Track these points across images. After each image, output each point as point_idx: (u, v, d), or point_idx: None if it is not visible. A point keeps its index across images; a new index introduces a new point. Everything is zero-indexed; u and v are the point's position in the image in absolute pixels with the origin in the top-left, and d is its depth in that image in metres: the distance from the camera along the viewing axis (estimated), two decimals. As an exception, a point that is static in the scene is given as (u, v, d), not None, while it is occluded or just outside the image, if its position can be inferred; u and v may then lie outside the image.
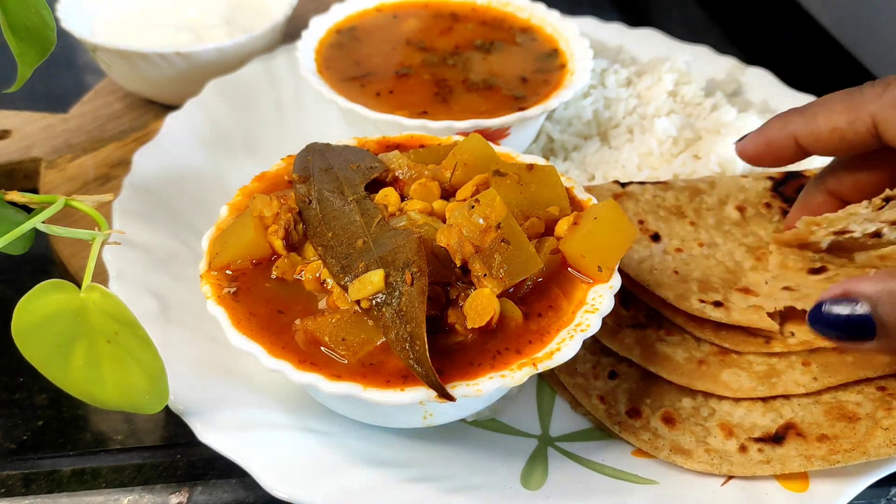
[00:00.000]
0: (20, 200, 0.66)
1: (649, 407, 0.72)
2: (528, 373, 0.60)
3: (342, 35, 1.08)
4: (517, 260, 0.63)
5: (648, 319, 0.78)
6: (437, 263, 0.63)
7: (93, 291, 0.60)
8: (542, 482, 0.68)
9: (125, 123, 1.12)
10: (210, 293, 0.65)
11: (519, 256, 0.63)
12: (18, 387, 0.79)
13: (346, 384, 0.60)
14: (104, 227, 0.65)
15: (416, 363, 0.58)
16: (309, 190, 0.71)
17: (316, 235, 0.67)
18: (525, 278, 0.64)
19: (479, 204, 0.64)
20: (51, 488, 0.70)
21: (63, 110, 1.12)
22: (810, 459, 0.65)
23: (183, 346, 0.73)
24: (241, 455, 0.64)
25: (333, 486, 0.64)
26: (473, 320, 0.62)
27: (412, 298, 0.59)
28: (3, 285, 0.91)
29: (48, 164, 1.01)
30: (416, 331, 0.58)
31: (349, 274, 0.63)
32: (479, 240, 0.63)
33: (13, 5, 0.66)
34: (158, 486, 0.70)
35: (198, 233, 0.73)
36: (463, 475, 0.67)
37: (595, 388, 0.74)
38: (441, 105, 0.95)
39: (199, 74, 1.07)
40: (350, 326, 0.62)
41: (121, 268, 0.79)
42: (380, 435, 0.69)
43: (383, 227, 0.66)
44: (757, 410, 0.70)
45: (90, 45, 1.08)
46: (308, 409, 0.70)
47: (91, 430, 0.75)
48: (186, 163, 0.95)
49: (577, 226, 0.67)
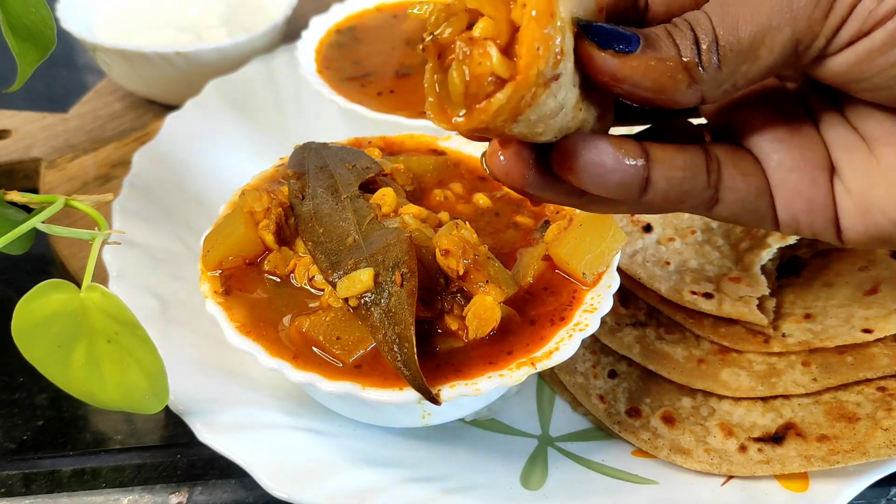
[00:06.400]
0: (20, 200, 0.66)
1: (649, 406, 0.72)
2: (527, 372, 0.60)
3: (342, 35, 1.08)
4: (506, 274, 0.65)
5: (648, 318, 0.78)
6: (423, 270, 0.63)
7: (93, 291, 0.60)
8: (542, 482, 0.68)
9: (125, 123, 1.12)
10: (209, 292, 0.65)
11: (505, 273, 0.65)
12: (18, 387, 0.79)
13: (345, 383, 0.60)
14: (104, 227, 0.65)
15: (404, 365, 0.58)
16: (303, 186, 0.71)
17: (307, 231, 0.67)
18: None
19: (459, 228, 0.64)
20: (51, 488, 0.70)
21: (63, 110, 1.12)
22: (810, 460, 0.65)
23: (183, 346, 0.73)
24: (241, 455, 0.64)
25: (333, 486, 0.64)
26: (476, 330, 0.62)
27: (401, 300, 0.59)
28: (3, 285, 0.91)
29: (48, 164, 1.01)
30: (405, 332, 0.58)
31: (338, 271, 0.63)
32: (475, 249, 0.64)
33: (13, 5, 0.66)
34: (158, 486, 0.70)
35: (198, 233, 0.73)
36: (462, 475, 0.67)
37: (595, 388, 0.74)
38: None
39: (199, 74, 1.07)
40: (344, 325, 0.62)
41: (121, 268, 0.79)
42: (379, 435, 0.70)
43: (374, 226, 0.66)
44: (757, 410, 0.70)
45: (90, 45, 1.08)
46: (308, 409, 0.70)
47: (91, 430, 0.75)
48: (186, 163, 0.95)
49: (565, 232, 0.67)
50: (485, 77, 0.44)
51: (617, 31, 0.47)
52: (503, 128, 0.46)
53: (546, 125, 0.47)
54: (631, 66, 0.47)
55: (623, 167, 0.49)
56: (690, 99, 0.49)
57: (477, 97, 0.45)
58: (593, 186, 0.50)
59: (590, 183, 0.49)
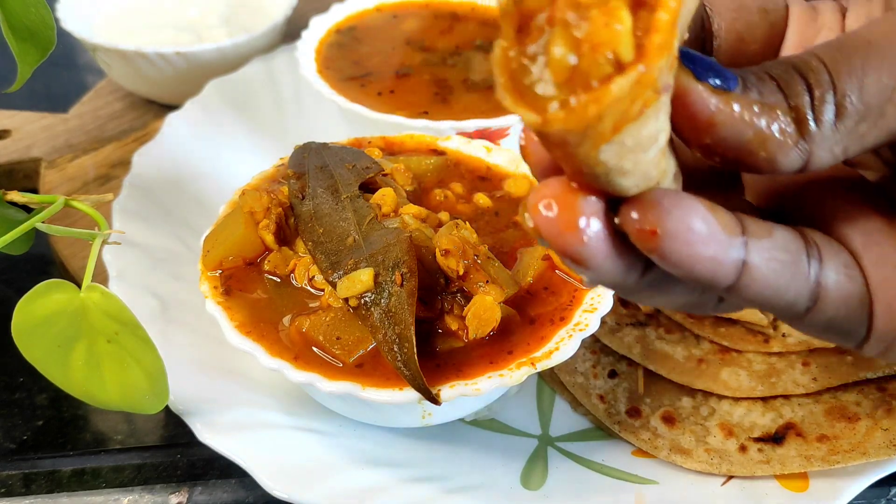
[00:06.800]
0: (20, 200, 0.66)
1: (649, 406, 0.72)
2: (527, 372, 0.60)
3: (342, 35, 1.08)
4: (506, 274, 0.65)
5: (648, 318, 0.78)
6: (423, 270, 0.63)
7: (93, 291, 0.60)
8: (542, 482, 0.68)
9: (125, 123, 1.12)
10: (209, 292, 0.65)
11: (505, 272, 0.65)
12: (18, 387, 0.79)
13: (345, 383, 0.60)
14: (104, 227, 0.65)
15: (404, 365, 0.58)
16: (303, 186, 0.71)
17: (307, 231, 0.67)
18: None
19: (458, 228, 0.64)
20: (51, 488, 0.70)
21: (63, 110, 1.12)
22: (810, 460, 0.65)
23: (183, 346, 0.73)
24: (241, 455, 0.64)
25: (333, 486, 0.64)
26: (476, 330, 0.62)
27: (401, 300, 0.59)
28: (3, 285, 0.91)
29: (48, 164, 1.01)
30: (405, 332, 0.58)
31: (338, 271, 0.63)
32: (475, 249, 0.64)
33: (13, 5, 0.66)
34: (158, 486, 0.70)
35: (198, 233, 0.73)
36: (462, 475, 0.67)
37: (595, 388, 0.74)
38: (441, 105, 0.95)
39: (199, 74, 1.07)
40: (345, 325, 0.62)
41: (121, 268, 0.79)
42: (379, 435, 0.70)
43: (374, 226, 0.66)
44: (757, 410, 0.70)
45: (90, 45, 1.08)
46: (308, 409, 0.70)
47: (91, 430, 0.75)
48: (186, 163, 0.95)
49: None
50: (605, 51, 0.31)
51: (713, 62, 0.37)
52: (592, 148, 0.32)
53: (635, 161, 0.34)
54: (730, 110, 0.36)
55: (719, 238, 0.36)
56: (793, 161, 0.38)
57: (587, 80, 0.31)
58: (676, 260, 0.36)
59: (674, 254, 0.36)
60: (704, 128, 0.36)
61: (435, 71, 1.01)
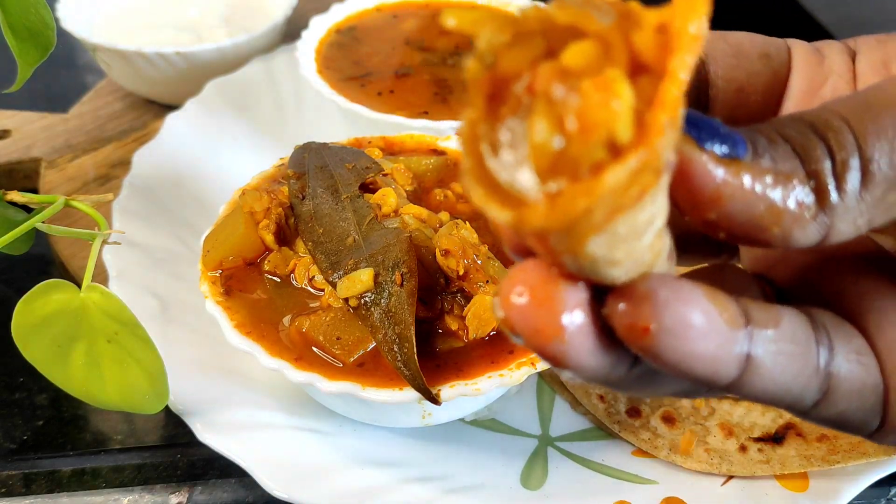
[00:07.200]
0: (20, 200, 0.66)
1: (649, 406, 0.72)
2: (527, 372, 0.60)
3: (342, 35, 1.08)
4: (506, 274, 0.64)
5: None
6: (423, 270, 0.63)
7: (93, 291, 0.60)
8: (542, 482, 0.68)
9: (125, 123, 1.12)
10: (209, 292, 0.65)
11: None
12: (18, 387, 0.79)
13: (345, 383, 0.60)
14: (104, 227, 0.65)
15: (404, 365, 0.58)
16: (303, 186, 0.71)
17: (307, 231, 0.67)
18: None
19: (459, 227, 0.64)
20: (51, 488, 0.70)
21: (63, 110, 1.12)
22: (810, 460, 0.66)
23: (183, 346, 0.73)
24: (241, 455, 0.64)
25: (333, 486, 0.64)
26: (476, 330, 0.62)
27: (401, 300, 0.59)
28: (3, 285, 0.91)
29: (48, 164, 1.01)
30: (405, 332, 0.58)
31: (338, 271, 0.63)
32: (475, 249, 0.64)
33: (13, 5, 0.66)
34: (158, 486, 0.70)
35: (198, 233, 0.73)
36: (462, 475, 0.67)
37: (595, 388, 0.74)
38: (441, 105, 0.95)
39: (199, 74, 1.07)
40: (345, 325, 0.62)
41: (121, 268, 0.79)
42: (379, 435, 0.70)
43: (374, 226, 0.66)
44: (757, 410, 0.70)
45: (90, 45, 1.08)
46: (308, 410, 0.70)
47: (91, 430, 0.75)
48: (186, 163, 0.95)
49: None
50: (599, 133, 0.25)
51: (719, 124, 0.31)
52: (578, 242, 0.27)
53: (628, 250, 0.29)
54: (740, 182, 0.31)
55: (721, 332, 0.31)
56: (811, 237, 0.32)
57: (575, 169, 0.26)
58: (671, 358, 0.30)
59: (669, 352, 0.30)
60: (709, 203, 0.31)
61: (435, 71, 1.01)
